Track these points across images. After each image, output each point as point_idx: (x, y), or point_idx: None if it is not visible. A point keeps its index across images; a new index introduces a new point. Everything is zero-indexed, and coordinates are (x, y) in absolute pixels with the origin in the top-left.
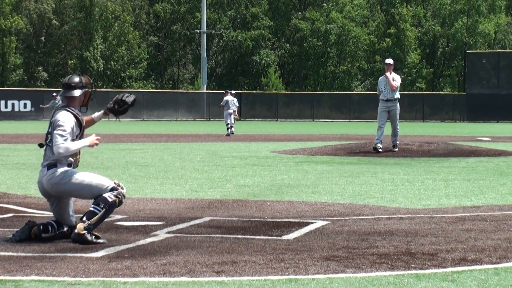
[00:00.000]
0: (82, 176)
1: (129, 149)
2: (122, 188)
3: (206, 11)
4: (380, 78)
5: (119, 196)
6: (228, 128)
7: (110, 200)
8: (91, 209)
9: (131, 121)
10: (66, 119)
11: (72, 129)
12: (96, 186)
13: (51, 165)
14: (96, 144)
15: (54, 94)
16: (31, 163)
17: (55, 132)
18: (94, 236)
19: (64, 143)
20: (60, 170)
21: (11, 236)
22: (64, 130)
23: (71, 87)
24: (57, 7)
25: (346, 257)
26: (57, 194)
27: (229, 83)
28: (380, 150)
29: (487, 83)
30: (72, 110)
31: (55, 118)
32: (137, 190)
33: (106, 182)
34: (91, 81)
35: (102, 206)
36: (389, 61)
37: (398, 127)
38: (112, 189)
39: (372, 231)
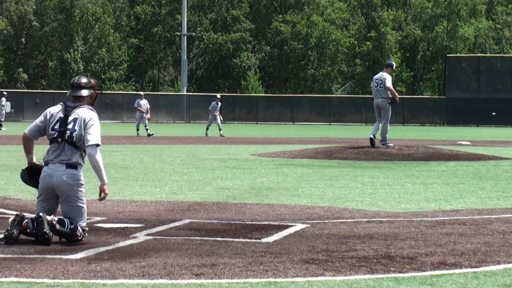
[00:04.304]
0: (84, 198)
1: (109, 151)
2: (86, 234)
3: (187, 14)
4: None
5: (82, 236)
6: (137, 130)
7: (78, 232)
8: (65, 220)
9: (111, 123)
10: (97, 120)
11: None
12: (82, 214)
13: (72, 165)
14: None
15: (5, 93)
16: (10, 164)
17: (93, 132)
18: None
19: (99, 150)
20: (81, 176)
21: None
22: (99, 134)
23: (80, 87)
24: (37, 8)
25: (325, 260)
26: (59, 193)
27: (209, 86)
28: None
29: (467, 87)
30: (93, 109)
31: (85, 117)
32: (117, 192)
33: (86, 219)
34: (97, 83)
35: (71, 228)
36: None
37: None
38: (83, 229)
39: (351, 234)
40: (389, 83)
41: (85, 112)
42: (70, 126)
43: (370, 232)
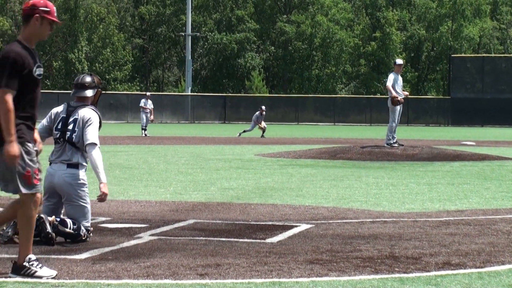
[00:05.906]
0: (88, 198)
1: (114, 151)
2: (91, 234)
3: (191, 14)
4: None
5: (86, 236)
6: (143, 130)
7: (81, 231)
8: (67, 220)
9: (116, 123)
10: (96, 120)
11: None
12: (86, 214)
13: (73, 165)
14: None
15: None
16: None
17: (90, 132)
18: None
19: (99, 148)
20: (82, 176)
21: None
22: (97, 133)
23: (84, 87)
24: None
25: (329, 260)
26: (61, 193)
27: (213, 86)
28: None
29: (472, 88)
30: (95, 109)
31: (84, 117)
32: (121, 192)
33: (90, 219)
34: (101, 81)
35: (74, 228)
36: (400, 61)
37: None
38: (87, 229)
39: (356, 234)
40: (388, 82)
41: (85, 112)
42: (70, 127)
43: (374, 232)
